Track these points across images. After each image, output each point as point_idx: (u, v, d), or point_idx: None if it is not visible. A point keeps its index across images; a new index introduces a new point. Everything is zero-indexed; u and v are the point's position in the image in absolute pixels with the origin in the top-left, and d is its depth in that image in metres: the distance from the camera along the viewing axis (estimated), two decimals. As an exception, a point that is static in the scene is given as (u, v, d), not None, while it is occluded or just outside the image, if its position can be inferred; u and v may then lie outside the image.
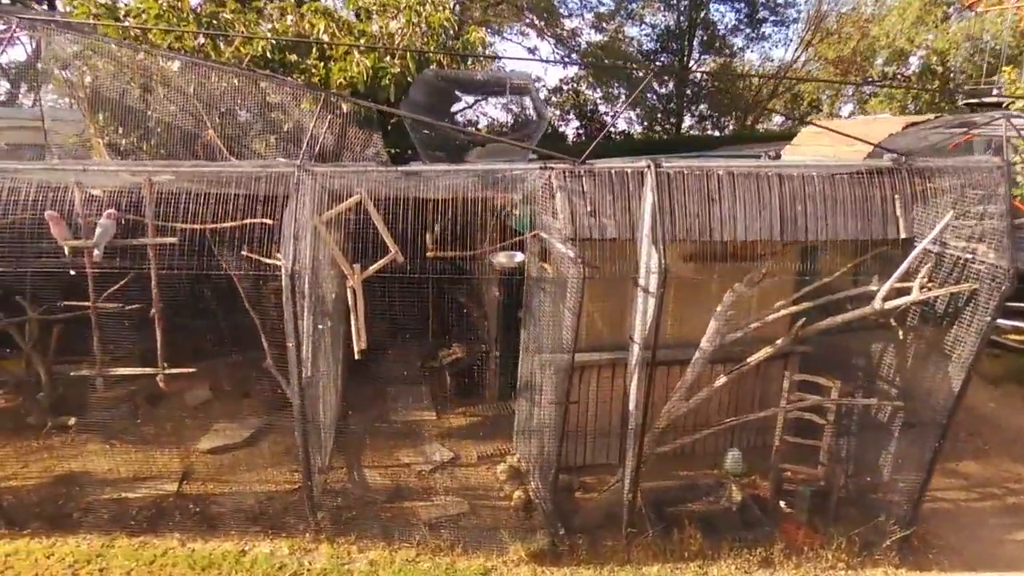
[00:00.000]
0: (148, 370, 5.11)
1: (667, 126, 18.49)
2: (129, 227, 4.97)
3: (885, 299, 4.56)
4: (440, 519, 5.24)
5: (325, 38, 5.36)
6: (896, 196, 4.72)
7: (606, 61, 16.13)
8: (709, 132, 19.94)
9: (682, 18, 17.55)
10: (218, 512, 5.36)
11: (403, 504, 5.47)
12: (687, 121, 19.30)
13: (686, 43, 17.63)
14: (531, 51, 17.13)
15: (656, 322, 4.18)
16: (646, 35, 18.23)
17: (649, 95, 17.67)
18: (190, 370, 5.22)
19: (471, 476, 5.93)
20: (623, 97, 17.37)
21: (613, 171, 4.42)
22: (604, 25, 17.40)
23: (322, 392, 5.59)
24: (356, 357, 4.81)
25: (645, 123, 18.59)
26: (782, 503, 5.42)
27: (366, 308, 4.82)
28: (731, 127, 20.15)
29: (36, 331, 6.45)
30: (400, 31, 5.62)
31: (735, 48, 18.29)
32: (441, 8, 5.67)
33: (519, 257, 4.77)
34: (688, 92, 17.91)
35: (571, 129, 18.52)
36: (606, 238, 4.38)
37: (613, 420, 5.74)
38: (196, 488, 5.71)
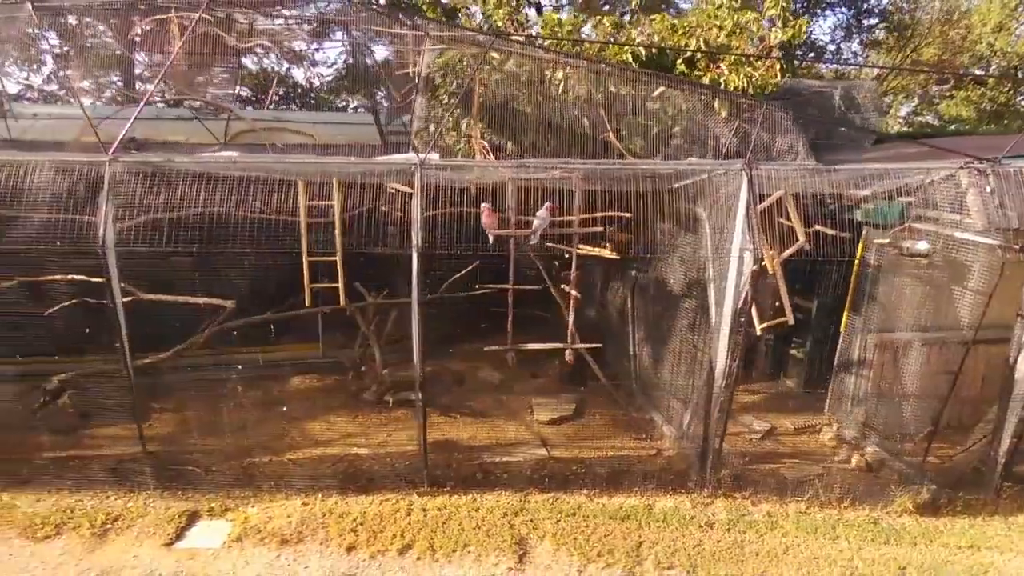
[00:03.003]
0: (559, 345, 5.73)
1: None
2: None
3: None
4: (804, 477, 5.88)
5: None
6: None
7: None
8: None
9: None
10: (603, 473, 5.97)
11: (762, 466, 6.12)
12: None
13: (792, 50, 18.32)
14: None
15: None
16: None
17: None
18: (596, 345, 5.84)
19: (797, 443, 6.59)
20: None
21: (1013, 169, 5.09)
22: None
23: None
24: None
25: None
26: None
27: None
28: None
29: (373, 315, 7.07)
30: (779, 44, 6.29)
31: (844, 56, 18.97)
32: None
33: (923, 245, 5.41)
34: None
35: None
36: (1011, 228, 5.05)
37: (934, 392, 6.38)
38: (559, 452, 6.33)
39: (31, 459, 6.11)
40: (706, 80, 6.17)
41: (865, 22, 18.06)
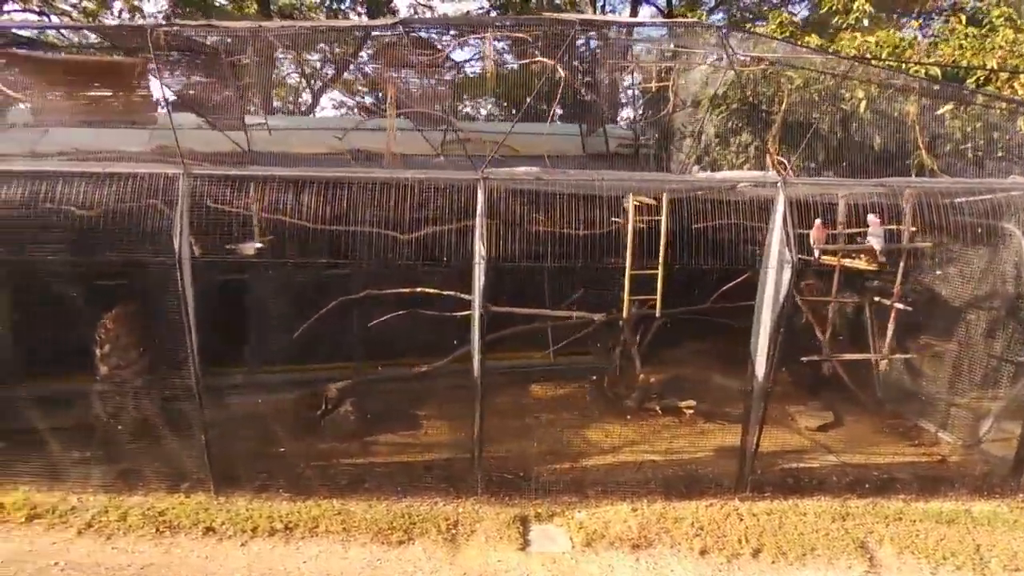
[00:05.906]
0: (863, 356, 5.94)
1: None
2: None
3: None
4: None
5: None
6: None
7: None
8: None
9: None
10: (905, 477, 6.18)
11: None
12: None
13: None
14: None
15: None
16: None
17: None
18: (910, 355, 6.06)
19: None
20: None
21: None
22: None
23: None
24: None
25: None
26: None
27: None
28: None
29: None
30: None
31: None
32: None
33: None
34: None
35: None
36: None
37: None
38: (846, 458, 6.53)
39: (335, 465, 6.30)
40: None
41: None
